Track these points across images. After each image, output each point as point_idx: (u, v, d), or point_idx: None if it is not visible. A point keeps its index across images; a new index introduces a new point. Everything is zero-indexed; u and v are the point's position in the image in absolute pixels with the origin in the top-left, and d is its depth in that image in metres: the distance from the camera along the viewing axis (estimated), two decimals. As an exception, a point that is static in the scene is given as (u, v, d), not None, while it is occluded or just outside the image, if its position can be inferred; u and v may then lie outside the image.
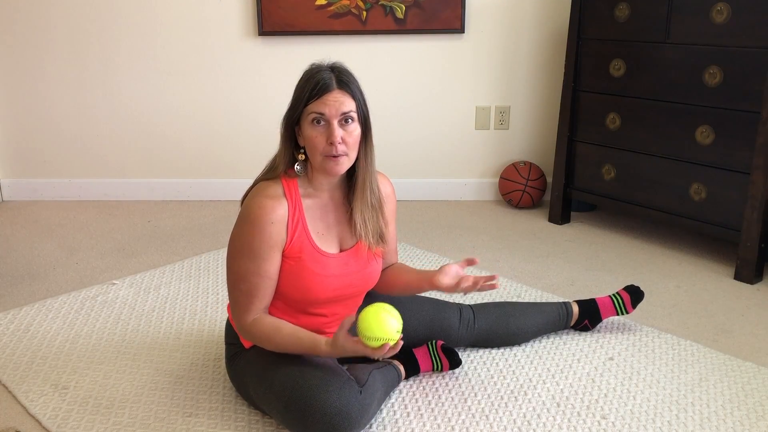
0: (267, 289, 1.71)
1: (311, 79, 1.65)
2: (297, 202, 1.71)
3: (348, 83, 1.66)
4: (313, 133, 1.64)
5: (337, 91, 1.64)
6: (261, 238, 1.66)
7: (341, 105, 1.64)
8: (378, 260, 1.85)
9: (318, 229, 1.74)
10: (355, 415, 1.62)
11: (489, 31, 3.49)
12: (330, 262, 1.74)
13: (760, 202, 2.58)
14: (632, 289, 2.27)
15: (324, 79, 1.64)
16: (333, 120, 1.63)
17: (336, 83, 1.65)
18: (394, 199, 1.90)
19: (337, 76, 1.66)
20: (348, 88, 1.66)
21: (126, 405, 1.88)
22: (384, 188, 1.85)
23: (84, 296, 2.53)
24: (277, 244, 1.68)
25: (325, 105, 1.63)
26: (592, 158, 3.16)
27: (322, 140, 1.64)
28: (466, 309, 2.10)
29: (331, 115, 1.63)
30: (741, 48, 2.57)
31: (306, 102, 1.64)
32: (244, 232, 1.69)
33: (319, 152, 1.65)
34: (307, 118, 1.65)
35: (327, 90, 1.63)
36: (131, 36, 3.51)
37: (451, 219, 3.41)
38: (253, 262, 1.68)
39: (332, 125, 1.63)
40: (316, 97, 1.63)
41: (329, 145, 1.63)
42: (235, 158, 3.66)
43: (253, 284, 1.69)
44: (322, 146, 1.64)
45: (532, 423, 1.80)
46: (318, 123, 1.64)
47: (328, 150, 1.64)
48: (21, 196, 3.75)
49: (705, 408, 1.87)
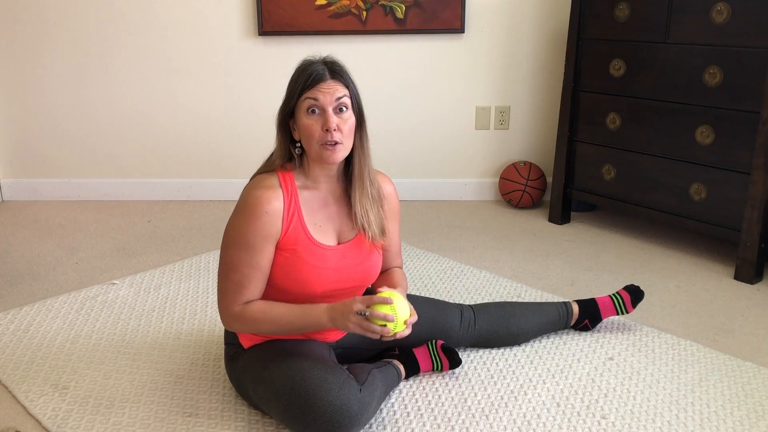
0: (257, 281, 1.71)
1: (304, 72, 1.68)
2: (293, 194, 1.72)
3: (341, 73, 1.70)
4: (309, 121, 1.66)
5: (330, 81, 1.67)
6: (255, 228, 1.67)
7: (335, 92, 1.66)
8: (378, 254, 1.85)
9: (315, 221, 1.75)
10: (355, 414, 1.62)
11: (489, 31, 3.49)
12: (327, 254, 1.74)
13: (760, 202, 2.58)
14: (632, 289, 2.27)
15: (317, 71, 1.67)
16: (328, 107, 1.65)
17: (329, 73, 1.67)
18: (396, 198, 1.90)
19: (330, 67, 1.69)
20: (341, 78, 1.69)
21: (126, 405, 1.88)
22: (385, 186, 1.85)
23: (84, 296, 2.53)
24: (271, 236, 1.68)
25: (320, 92, 1.65)
26: (592, 158, 3.16)
27: (318, 128, 1.66)
28: (467, 309, 2.10)
29: (325, 102, 1.65)
30: (741, 48, 2.57)
31: (300, 93, 1.67)
32: (238, 222, 1.70)
33: (315, 141, 1.67)
34: (302, 109, 1.67)
35: (321, 80, 1.66)
36: (131, 36, 3.51)
37: (451, 219, 3.41)
38: (246, 252, 1.68)
39: (327, 112, 1.65)
40: (310, 87, 1.66)
41: (325, 132, 1.65)
42: (235, 158, 3.66)
43: (244, 275, 1.69)
44: (318, 134, 1.66)
45: (532, 423, 1.80)
46: (313, 112, 1.66)
47: (324, 137, 1.66)
48: (21, 196, 3.75)
49: (705, 408, 1.87)
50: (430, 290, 2.58)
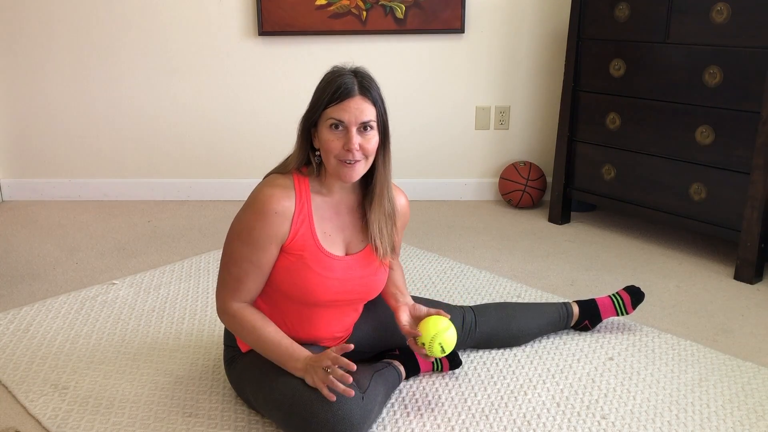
0: (256, 279, 1.69)
1: (332, 83, 1.62)
2: (306, 199, 1.69)
3: (369, 89, 1.64)
4: (330, 137, 1.62)
5: (358, 98, 1.62)
6: (262, 226, 1.65)
7: (361, 114, 1.61)
8: (385, 270, 1.83)
9: (325, 229, 1.72)
10: (357, 422, 1.61)
11: (489, 31, 3.49)
12: (334, 263, 1.73)
13: (760, 202, 2.58)
14: (633, 290, 2.26)
15: (346, 84, 1.61)
16: (352, 127, 1.61)
17: (358, 89, 1.62)
18: (408, 212, 1.87)
19: (360, 81, 1.64)
20: (369, 95, 1.63)
21: (126, 405, 1.88)
22: (399, 200, 1.81)
23: (84, 296, 2.53)
24: (277, 237, 1.66)
25: (345, 111, 1.60)
26: (592, 158, 3.16)
27: (338, 145, 1.62)
28: (468, 312, 2.09)
29: (350, 122, 1.61)
30: (741, 48, 2.57)
31: (326, 105, 1.62)
32: (246, 217, 1.68)
33: (333, 156, 1.63)
34: (326, 123, 1.63)
35: (348, 95, 1.61)
36: (131, 36, 3.51)
37: (451, 219, 3.41)
38: (249, 248, 1.66)
39: (350, 132, 1.61)
40: (337, 101, 1.61)
41: (345, 151, 1.61)
42: (235, 158, 3.66)
43: (244, 270, 1.68)
44: (337, 150, 1.62)
45: (532, 423, 1.80)
46: (336, 128, 1.62)
47: (344, 155, 1.62)
48: (21, 196, 3.75)
49: (705, 408, 1.87)
50: (430, 290, 2.58)
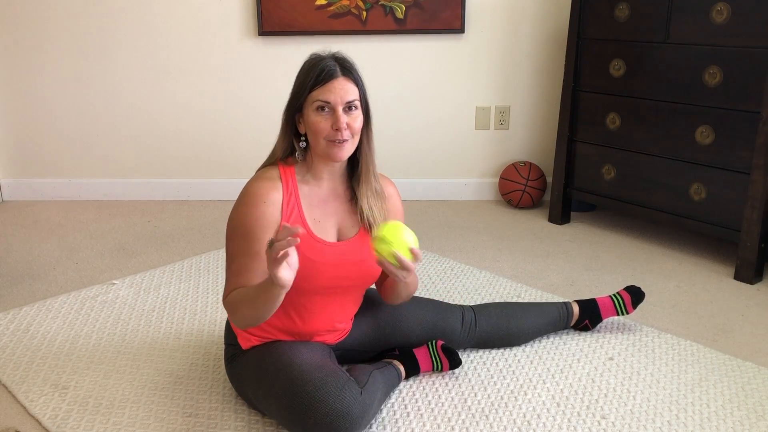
0: (256, 270, 1.69)
1: (315, 67, 1.67)
2: (293, 187, 1.72)
3: (351, 70, 1.70)
4: (318, 119, 1.66)
5: (342, 78, 1.67)
6: (254, 216, 1.67)
7: (346, 93, 1.66)
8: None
9: (315, 216, 1.74)
10: (356, 417, 1.62)
11: (489, 31, 3.49)
12: (326, 249, 1.74)
13: (760, 202, 2.58)
14: (633, 290, 2.26)
15: (328, 66, 1.66)
16: (338, 107, 1.65)
17: (340, 70, 1.67)
18: (400, 200, 1.89)
19: (341, 63, 1.69)
20: (351, 75, 1.69)
21: (126, 405, 1.88)
22: (387, 188, 1.85)
23: (84, 296, 2.53)
24: (271, 225, 1.68)
25: (330, 92, 1.65)
26: (592, 158, 3.16)
27: (327, 126, 1.66)
28: (468, 311, 2.09)
29: (336, 102, 1.65)
30: (741, 48, 2.57)
31: (311, 89, 1.66)
32: (238, 212, 1.70)
33: (322, 137, 1.67)
34: (312, 106, 1.67)
35: (332, 77, 1.66)
36: (131, 36, 3.51)
37: (451, 219, 3.41)
38: (244, 241, 1.68)
39: (338, 112, 1.65)
40: (321, 84, 1.65)
41: (334, 131, 1.65)
42: (235, 158, 3.66)
43: (243, 264, 1.68)
44: (326, 131, 1.66)
45: (532, 423, 1.80)
46: (322, 110, 1.66)
47: (333, 135, 1.66)
48: (21, 196, 3.75)
49: (705, 408, 1.87)
50: (430, 290, 2.58)
